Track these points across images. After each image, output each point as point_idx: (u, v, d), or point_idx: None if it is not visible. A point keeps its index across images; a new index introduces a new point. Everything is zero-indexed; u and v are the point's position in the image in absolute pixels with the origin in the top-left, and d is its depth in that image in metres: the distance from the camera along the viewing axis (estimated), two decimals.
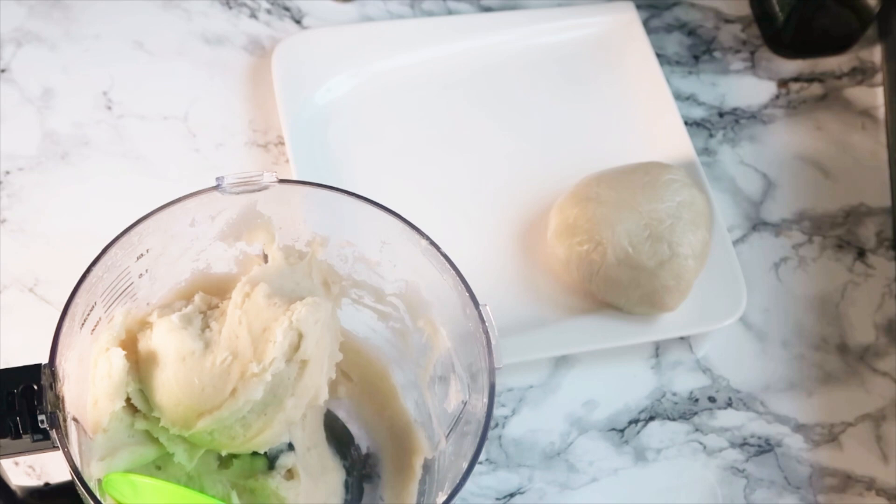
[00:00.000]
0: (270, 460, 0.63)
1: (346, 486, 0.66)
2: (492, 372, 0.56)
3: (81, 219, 0.82)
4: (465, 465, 0.55)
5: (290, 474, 0.63)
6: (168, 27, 0.92)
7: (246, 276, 0.62)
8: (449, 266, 0.59)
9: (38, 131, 0.86)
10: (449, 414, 0.62)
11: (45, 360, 0.54)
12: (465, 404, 0.60)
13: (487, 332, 0.57)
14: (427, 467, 0.65)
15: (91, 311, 0.58)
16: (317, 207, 0.64)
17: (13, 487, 0.62)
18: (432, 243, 0.60)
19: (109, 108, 0.87)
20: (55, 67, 0.89)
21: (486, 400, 0.56)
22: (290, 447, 0.63)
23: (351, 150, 0.87)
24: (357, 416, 0.68)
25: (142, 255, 0.60)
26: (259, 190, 0.60)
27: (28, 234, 0.81)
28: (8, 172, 0.83)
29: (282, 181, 0.60)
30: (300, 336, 0.59)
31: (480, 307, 0.58)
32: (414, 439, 0.66)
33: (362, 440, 0.69)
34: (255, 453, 0.63)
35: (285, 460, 0.63)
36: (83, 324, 0.57)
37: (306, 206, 0.64)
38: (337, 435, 0.68)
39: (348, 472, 0.67)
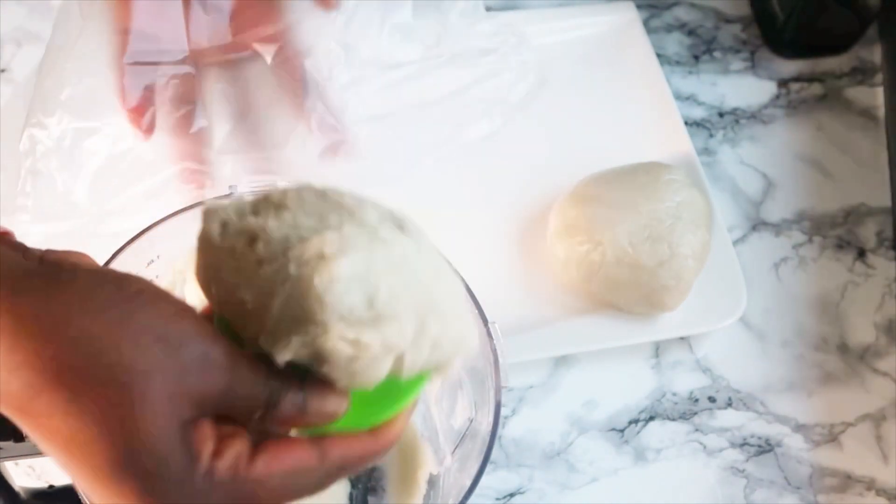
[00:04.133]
0: None
1: (351, 498, 0.66)
2: (498, 390, 0.56)
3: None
4: (468, 483, 0.55)
5: None
6: None
7: None
8: None
9: None
10: (455, 430, 0.62)
11: None
12: (472, 421, 0.59)
13: (495, 349, 0.57)
14: (432, 482, 0.64)
15: None
16: None
17: (16, 489, 0.62)
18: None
19: None
20: None
21: (491, 419, 0.56)
22: None
23: None
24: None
25: (152, 260, 0.60)
26: None
27: (28, 234, 0.81)
28: None
29: None
30: None
31: (489, 324, 0.58)
32: (420, 453, 0.66)
33: None
34: None
35: None
36: None
37: None
38: None
39: (353, 484, 0.67)
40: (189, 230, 0.60)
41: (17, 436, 0.49)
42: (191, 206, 0.59)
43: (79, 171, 0.64)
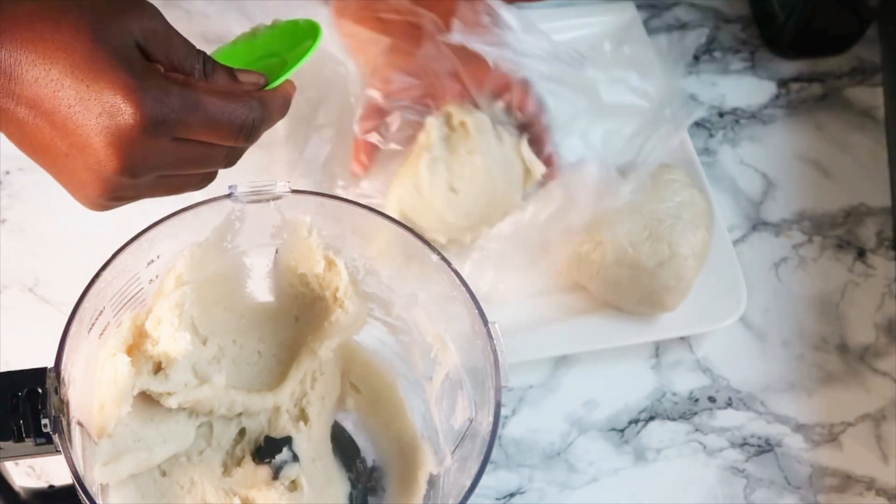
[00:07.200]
0: (275, 471, 0.63)
1: (351, 498, 0.66)
2: (498, 390, 0.56)
3: (81, 219, 0.81)
4: (468, 483, 0.55)
5: (293, 485, 0.62)
6: None
7: None
8: (459, 282, 0.59)
9: None
10: (455, 430, 0.61)
11: (46, 361, 0.53)
12: (472, 421, 0.59)
13: (495, 349, 0.57)
14: (432, 483, 0.64)
15: (99, 315, 0.58)
16: (328, 218, 0.64)
17: (17, 489, 0.62)
18: (443, 258, 0.60)
19: None
20: None
21: (491, 419, 0.55)
22: (295, 458, 0.63)
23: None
24: (364, 429, 0.68)
25: (152, 260, 0.60)
26: (272, 199, 0.60)
27: (28, 234, 0.81)
28: (8, 172, 0.83)
29: (295, 191, 0.60)
30: None
31: (489, 325, 0.58)
32: (420, 454, 0.65)
33: (368, 453, 0.68)
34: (259, 463, 0.62)
35: (289, 471, 0.62)
36: (91, 328, 0.57)
37: (318, 216, 0.63)
38: (343, 447, 0.67)
39: (353, 484, 0.66)
40: (188, 230, 0.60)
41: (17, 436, 0.49)
42: (190, 207, 0.59)
43: None
